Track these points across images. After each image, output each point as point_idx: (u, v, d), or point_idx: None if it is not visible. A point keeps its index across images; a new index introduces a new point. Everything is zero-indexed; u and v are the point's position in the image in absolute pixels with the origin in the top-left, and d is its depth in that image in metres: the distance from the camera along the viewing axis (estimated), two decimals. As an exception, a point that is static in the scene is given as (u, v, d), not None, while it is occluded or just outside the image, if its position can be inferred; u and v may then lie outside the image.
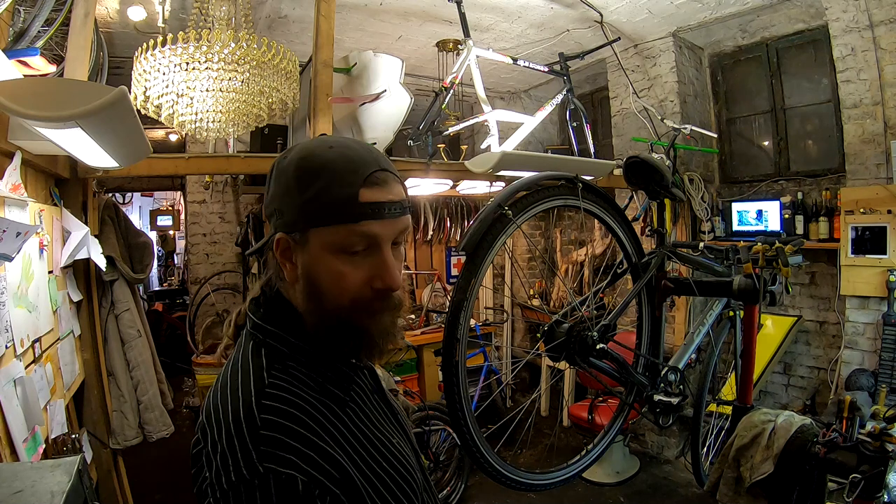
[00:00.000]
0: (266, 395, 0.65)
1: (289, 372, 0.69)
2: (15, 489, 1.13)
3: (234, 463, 0.60)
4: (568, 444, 4.05)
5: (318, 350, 0.72)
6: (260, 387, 0.66)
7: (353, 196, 0.67)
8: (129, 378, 2.46)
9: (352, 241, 0.69)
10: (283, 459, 0.60)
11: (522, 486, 1.61)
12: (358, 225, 0.68)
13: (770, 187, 3.72)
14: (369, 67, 2.93)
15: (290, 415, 0.63)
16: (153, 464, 3.49)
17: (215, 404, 0.67)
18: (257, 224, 4.11)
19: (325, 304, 0.71)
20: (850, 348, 2.95)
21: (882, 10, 2.74)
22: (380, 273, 0.70)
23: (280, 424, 0.62)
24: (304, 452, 0.61)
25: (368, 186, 0.69)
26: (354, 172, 0.69)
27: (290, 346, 0.72)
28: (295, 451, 0.61)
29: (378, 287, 0.71)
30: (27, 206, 1.66)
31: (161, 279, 8.98)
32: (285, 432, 0.62)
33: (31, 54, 1.66)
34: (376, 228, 0.69)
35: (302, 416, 0.64)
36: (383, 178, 0.71)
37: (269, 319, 0.74)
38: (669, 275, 2.00)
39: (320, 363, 0.72)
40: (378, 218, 0.69)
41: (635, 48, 3.91)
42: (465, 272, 1.43)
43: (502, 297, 5.33)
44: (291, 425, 0.63)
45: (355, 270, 0.70)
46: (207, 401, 0.70)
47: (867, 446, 1.45)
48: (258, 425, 0.62)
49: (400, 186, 0.74)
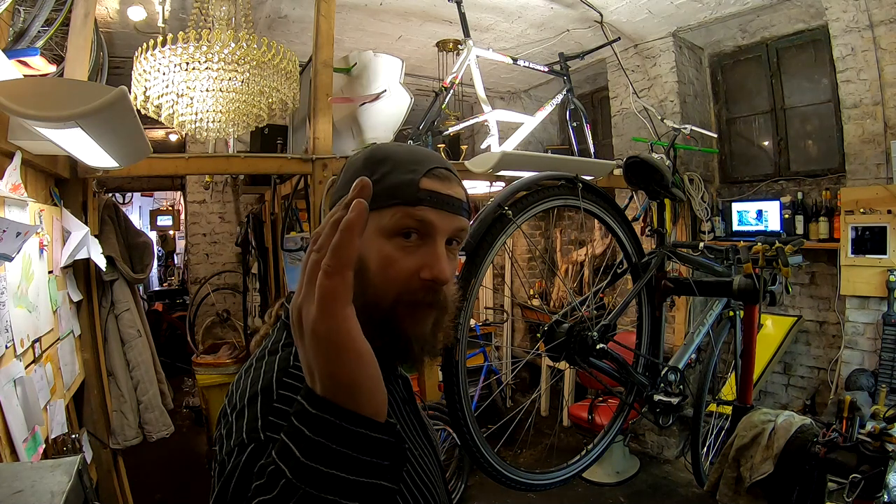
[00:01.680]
0: (288, 373, 0.65)
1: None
2: (15, 489, 1.13)
3: (237, 431, 0.60)
4: (568, 444, 4.05)
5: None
6: (284, 367, 0.66)
7: (414, 181, 0.68)
8: (129, 378, 2.46)
9: (406, 223, 0.68)
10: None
11: (522, 486, 1.61)
12: (415, 208, 0.68)
13: (770, 187, 3.72)
14: (369, 67, 2.93)
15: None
16: (153, 464, 3.50)
17: (238, 387, 0.67)
18: (257, 224, 4.11)
19: (368, 293, 0.68)
20: (850, 348, 2.95)
21: (882, 10, 2.74)
22: (430, 262, 0.68)
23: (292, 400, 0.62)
24: None
25: (430, 177, 0.70)
26: (419, 163, 0.70)
27: None
28: None
29: (426, 277, 0.68)
30: (27, 206, 1.66)
31: (161, 279, 8.99)
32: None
33: (31, 54, 1.66)
34: (432, 216, 0.68)
35: None
36: (445, 174, 0.72)
37: None
38: (669, 275, 2.01)
39: None
40: (436, 207, 0.69)
41: (635, 48, 3.91)
42: (465, 272, 1.44)
43: (502, 297, 5.33)
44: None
45: (406, 258, 0.68)
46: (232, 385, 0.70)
47: (867, 446, 1.45)
48: (273, 398, 0.62)
49: (461, 188, 0.74)
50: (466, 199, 0.75)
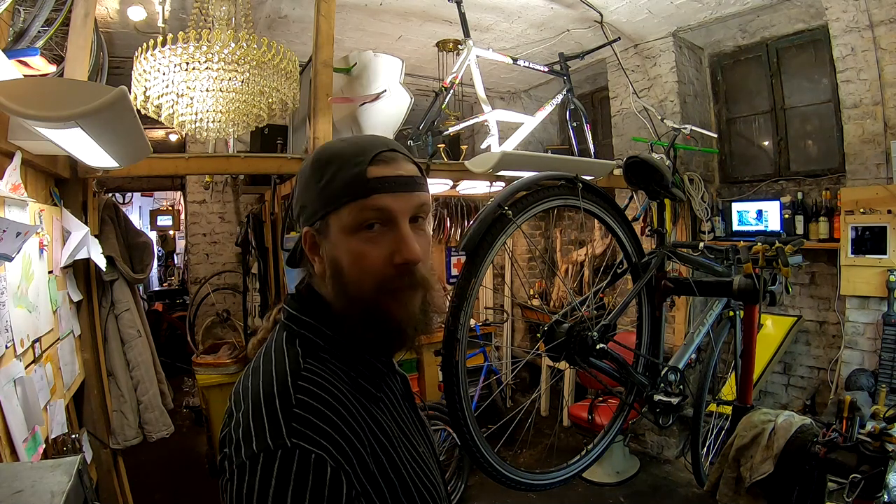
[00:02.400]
0: (302, 377, 0.65)
1: (324, 363, 0.69)
2: (15, 489, 1.13)
3: (258, 434, 0.59)
4: (568, 444, 4.05)
5: (350, 343, 0.72)
6: (296, 369, 0.66)
7: (361, 173, 0.69)
8: (129, 378, 2.46)
9: (365, 216, 0.69)
10: (313, 440, 0.59)
11: (522, 486, 1.61)
12: (368, 199, 0.69)
13: (770, 187, 3.72)
14: (369, 67, 2.93)
15: (324, 400, 0.63)
16: (153, 464, 3.50)
17: (245, 386, 0.67)
18: (257, 224, 4.11)
19: (349, 291, 0.70)
20: (850, 348, 2.95)
21: (882, 10, 2.74)
22: (398, 247, 0.70)
23: (314, 407, 0.62)
24: (336, 439, 0.60)
25: (376, 164, 0.70)
26: (362, 153, 0.71)
27: (325, 337, 0.72)
28: (326, 435, 0.60)
29: (398, 262, 0.70)
30: (27, 206, 1.66)
31: (161, 279, 8.98)
32: (319, 416, 0.61)
33: (31, 54, 1.66)
34: (388, 201, 0.69)
35: (335, 404, 0.64)
36: (391, 156, 0.72)
37: (305, 311, 0.74)
38: (669, 275, 2.00)
39: (353, 358, 0.72)
40: (388, 191, 0.70)
41: (635, 48, 3.91)
42: (465, 272, 1.44)
43: (502, 297, 5.33)
44: (325, 410, 0.62)
45: (374, 248, 0.70)
46: (237, 385, 0.69)
47: (867, 446, 1.45)
48: (292, 403, 0.61)
49: (411, 165, 0.74)
50: (420, 171, 0.76)
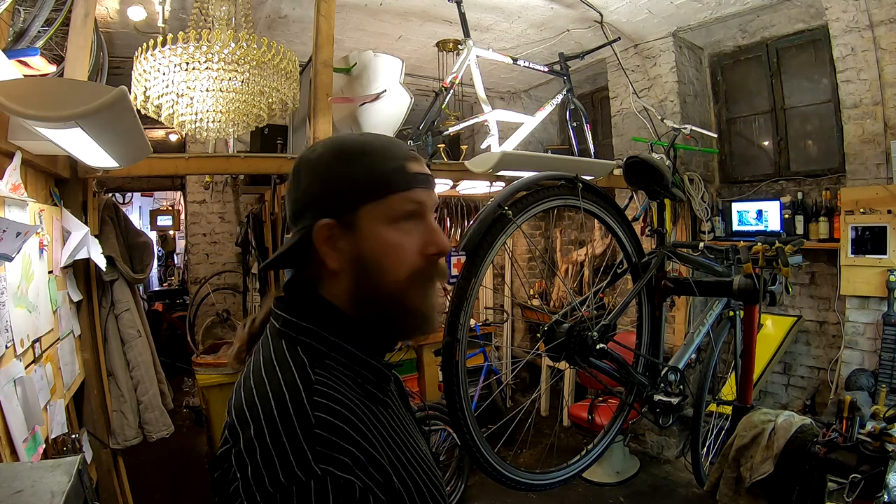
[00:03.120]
0: (316, 392, 0.62)
1: (330, 371, 0.67)
2: (15, 489, 1.13)
3: (283, 462, 0.56)
4: (568, 444, 4.05)
5: (360, 345, 0.71)
6: (307, 383, 0.63)
7: (402, 167, 0.72)
8: (129, 378, 2.46)
9: (407, 207, 0.71)
10: (340, 462, 0.57)
11: (522, 486, 1.61)
12: (411, 192, 0.71)
13: (770, 187, 3.72)
14: (369, 67, 2.93)
15: (341, 415, 0.61)
16: (153, 464, 3.50)
17: (250, 401, 0.63)
18: (257, 224, 4.11)
19: (381, 285, 0.71)
20: (850, 348, 2.95)
21: (882, 10, 2.74)
22: (432, 238, 0.73)
23: (334, 425, 0.60)
24: (357, 456, 0.59)
25: (411, 160, 0.74)
26: (398, 148, 0.74)
27: (329, 344, 0.70)
28: (349, 454, 0.58)
29: (432, 252, 0.73)
30: (27, 206, 1.66)
31: (161, 279, 8.98)
32: (339, 434, 0.59)
33: (31, 54, 1.66)
34: (423, 196, 0.73)
35: (351, 416, 0.62)
36: (418, 155, 0.77)
37: (305, 316, 0.71)
38: (669, 275, 2.01)
39: (358, 362, 0.71)
40: (425, 186, 0.74)
41: (635, 48, 3.91)
42: (465, 272, 1.44)
43: (502, 297, 5.33)
44: (344, 426, 0.60)
45: (411, 240, 0.72)
46: (238, 400, 0.66)
47: (867, 446, 1.45)
48: (312, 423, 0.59)
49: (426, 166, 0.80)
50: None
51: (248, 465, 0.58)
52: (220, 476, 0.61)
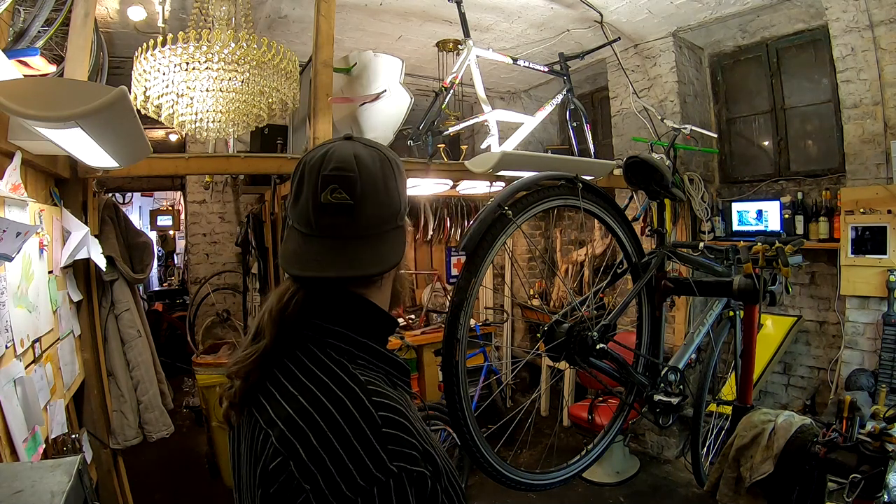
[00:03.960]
0: (371, 391, 0.64)
1: (367, 370, 0.69)
2: (15, 489, 1.13)
3: (358, 467, 0.57)
4: (568, 444, 4.05)
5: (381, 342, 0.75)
6: (360, 384, 0.64)
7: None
8: (129, 378, 2.46)
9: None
10: (410, 457, 0.59)
11: (522, 486, 1.61)
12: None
13: (770, 187, 3.72)
14: (369, 67, 2.93)
15: (398, 410, 0.63)
16: (153, 464, 3.50)
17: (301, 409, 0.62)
18: (257, 224, 4.11)
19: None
20: (850, 348, 2.95)
21: (882, 10, 2.74)
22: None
23: (396, 422, 0.62)
24: (420, 447, 0.62)
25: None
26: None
27: (357, 344, 0.71)
28: (414, 447, 0.61)
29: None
30: (27, 206, 1.66)
31: (161, 279, 8.99)
32: (402, 429, 0.61)
33: (31, 54, 1.66)
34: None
35: (405, 411, 0.64)
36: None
37: (335, 320, 0.71)
38: (669, 275, 2.00)
39: (383, 359, 0.73)
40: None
41: (635, 48, 3.91)
42: (465, 272, 1.44)
43: (502, 297, 5.32)
44: (404, 421, 0.62)
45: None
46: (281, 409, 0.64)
47: (867, 446, 1.45)
48: (379, 423, 0.60)
49: None
50: None
51: (318, 475, 0.57)
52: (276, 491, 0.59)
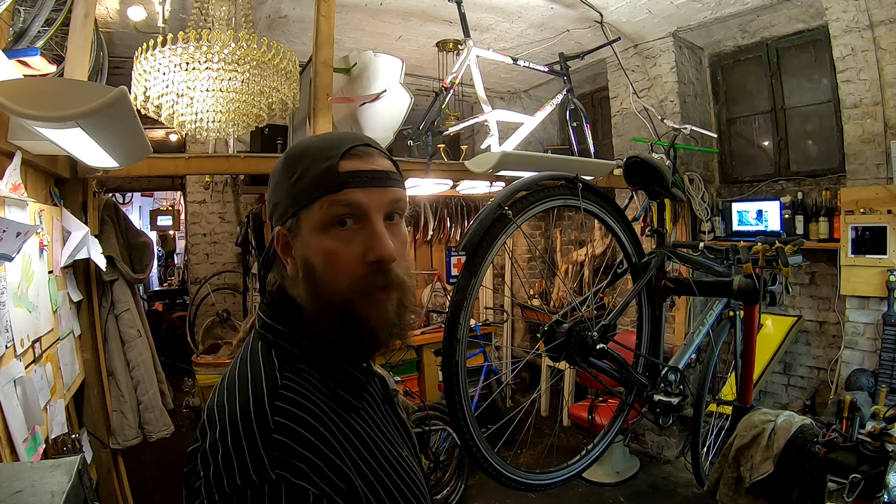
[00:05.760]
0: (279, 396, 0.62)
1: (300, 375, 0.66)
2: (15, 489, 1.13)
3: (240, 465, 0.57)
4: (568, 444, 4.05)
5: (326, 350, 0.70)
6: (272, 387, 0.63)
7: (332, 167, 0.67)
8: (129, 378, 2.46)
9: (335, 211, 0.67)
10: (296, 469, 0.57)
11: (522, 486, 1.61)
12: (340, 194, 0.66)
13: (770, 187, 3.72)
14: (369, 67, 2.93)
15: (303, 421, 0.61)
16: (153, 464, 3.49)
17: (220, 402, 0.64)
18: (257, 224, 4.11)
19: (321, 292, 0.68)
20: (850, 348, 2.95)
21: (882, 10, 2.74)
22: (371, 244, 0.67)
23: (293, 430, 0.59)
24: (316, 463, 0.59)
25: (348, 158, 0.68)
26: (334, 148, 0.69)
27: (301, 347, 0.69)
28: (307, 460, 0.58)
29: (371, 260, 0.67)
30: (27, 206, 1.66)
31: (161, 279, 8.99)
32: (298, 440, 0.59)
33: (31, 54, 1.66)
34: (360, 196, 0.67)
35: (314, 422, 0.61)
36: (365, 151, 0.70)
37: (278, 319, 0.71)
38: (669, 275, 2.00)
39: (332, 367, 0.70)
40: (361, 186, 0.67)
41: (635, 48, 3.91)
42: (465, 272, 1.44)
43: (502, 297, 5.33)
44: (304, 432, 0.60)
45: (347, 247, 0.67)
46: (211, 399, 0.67)
47: (867, 446, 1.45)
48: (270, 428, 0.59)
49: (385, 160, 0.72)
50: (396, 168, 0.73)
51: (211, 465, 0.59)
52: (188, 472, 0.63)
